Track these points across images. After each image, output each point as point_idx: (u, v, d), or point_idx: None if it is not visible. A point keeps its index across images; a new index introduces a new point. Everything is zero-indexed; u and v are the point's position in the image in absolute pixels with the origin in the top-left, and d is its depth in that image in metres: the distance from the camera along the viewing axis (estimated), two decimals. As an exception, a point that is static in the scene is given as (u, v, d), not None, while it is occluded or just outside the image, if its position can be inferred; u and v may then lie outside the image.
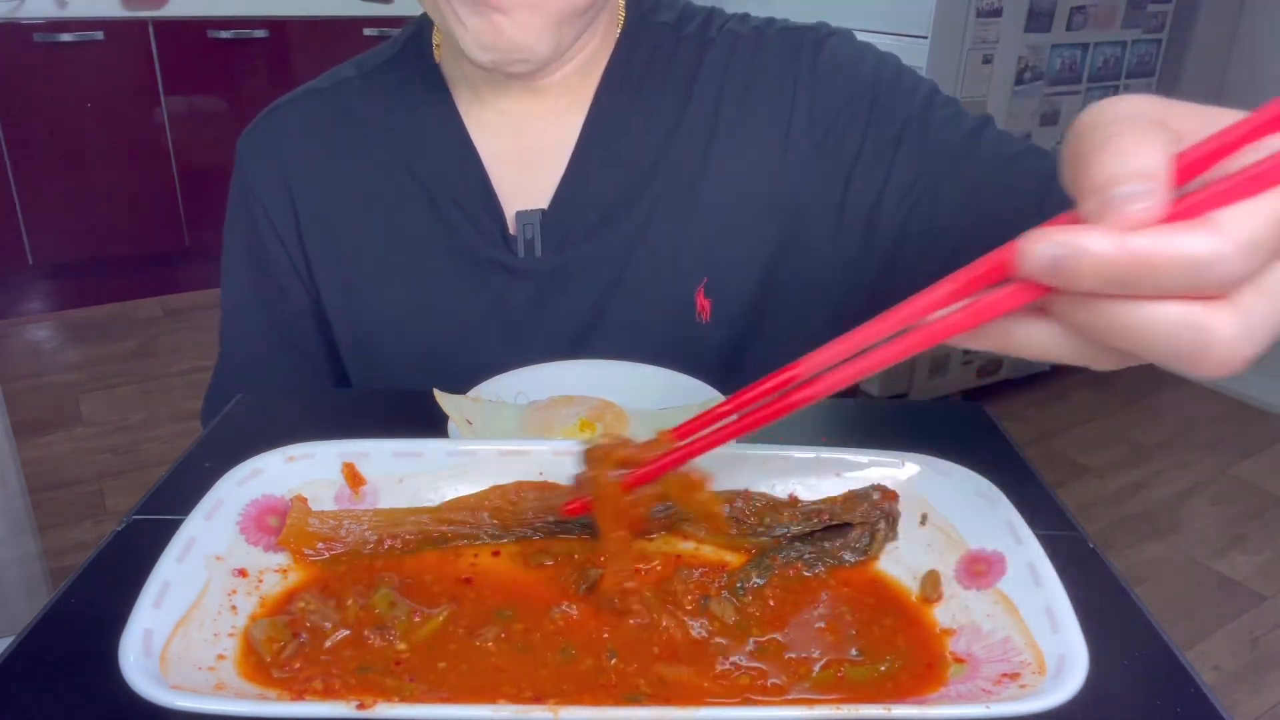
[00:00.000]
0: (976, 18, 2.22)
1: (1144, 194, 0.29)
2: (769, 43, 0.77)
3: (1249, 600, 2.04)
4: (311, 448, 0.51)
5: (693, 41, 0.77)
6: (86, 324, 3.19)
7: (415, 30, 0.80)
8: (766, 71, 0.76)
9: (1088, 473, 2.47)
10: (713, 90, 0.76)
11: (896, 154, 0.73)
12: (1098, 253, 0.29)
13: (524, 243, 0.75)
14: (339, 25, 3.31)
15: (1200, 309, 0.29)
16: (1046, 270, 0.30)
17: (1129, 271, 0.28)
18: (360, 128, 0.78)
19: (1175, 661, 0.44)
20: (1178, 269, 0.28)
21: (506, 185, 0.76)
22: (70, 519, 2.19)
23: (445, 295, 0.77)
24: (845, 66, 0.75)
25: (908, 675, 0.41)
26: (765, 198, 0.75)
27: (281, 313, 0.81)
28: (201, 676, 0.38)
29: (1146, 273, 0.28)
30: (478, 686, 0.40)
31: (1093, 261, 0.29)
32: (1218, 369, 0.30)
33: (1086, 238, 0.29)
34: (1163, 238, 0.28)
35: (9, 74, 2.88)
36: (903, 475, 0.51)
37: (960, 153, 0.72)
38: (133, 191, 3.16)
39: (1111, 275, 0.29)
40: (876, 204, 0.74)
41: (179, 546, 0.43)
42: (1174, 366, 0.30)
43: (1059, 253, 0.29)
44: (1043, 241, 0.30)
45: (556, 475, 0.51)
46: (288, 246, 0.79)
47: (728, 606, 0.44)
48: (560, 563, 0.48)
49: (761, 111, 0.75)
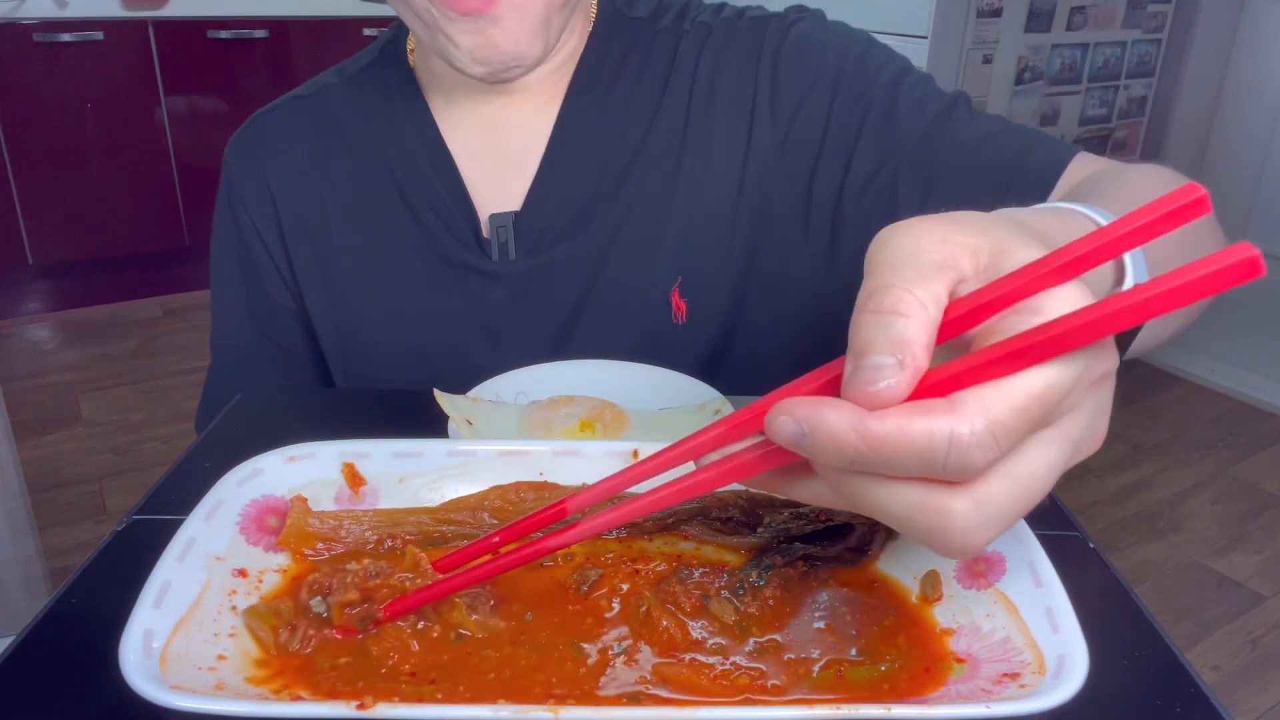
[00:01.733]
0: (976, 18, 2.23)
1: (891, 368, 0.28)
2: (738, 33, 0.75)
3: (1249, 600, 2.04)
4: (311, 448, 0.51)
5: (669, 35, 0.76)
6: (86, 324, 3.19)
7: (393, 34, 0.80)
8: (732, 63, 0.74)
9: (1088, 473, 2.47)
10: (684, 86, 0.74)
11: (856, 144, 0.70)
12: (835, 433, 0.28)
13: (498, 245, 0.75)
14: (339, 25, 3.31)
15: (939, 493, 0.28)
16: (790, 443, 0.30)
17: (866, 455, 0.28)
18: (341, 133, 0.78)
19: (1175, 661, 0.44)
20: (914, 455, 0.27)
21: (481, 188, 0.76)
22: (70, 519, 2.19)
23: (424, 298, 0.77)
24: (811, 50, 0.72)
25: (908, 675, 0.41)
26: (735, 194, 0.74)
27: (268, 317, 0.82)
28: (201, 676, 0.38)
29: (884, 457, 0.28)
30: (479, 686, 0.40)
31: (830, 442, 0.28)
32: (959, 551, 0.29)
33: (827, 417, 0.28)
34: (901, 421, 0.27)
35: (9, 74, 2.88)
36: (903, 475, 0.51)
37: (921, 141, 0.68)
38: (133, 191, 3.16)
39: (851, 456, 0.28)
40: (839, 197, 0.71)
41: (179, 546, 0.43)
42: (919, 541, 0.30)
43: (799, 430, 0.29)
44: (785, 414, 0.29)
45: (556, 475, 0.51)
46: (271, 251, 0.79)
47: (728, 606, 0.44)
48: (560, 562, 0.48)
49: (727, 106, 0.74)
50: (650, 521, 0.50)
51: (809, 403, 0.29)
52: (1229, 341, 2.94)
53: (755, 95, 0.73)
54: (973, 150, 0.67)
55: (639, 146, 0.74)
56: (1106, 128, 2.61)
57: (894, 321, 0.29)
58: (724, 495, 0.50)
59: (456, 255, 0.75)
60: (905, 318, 0.29)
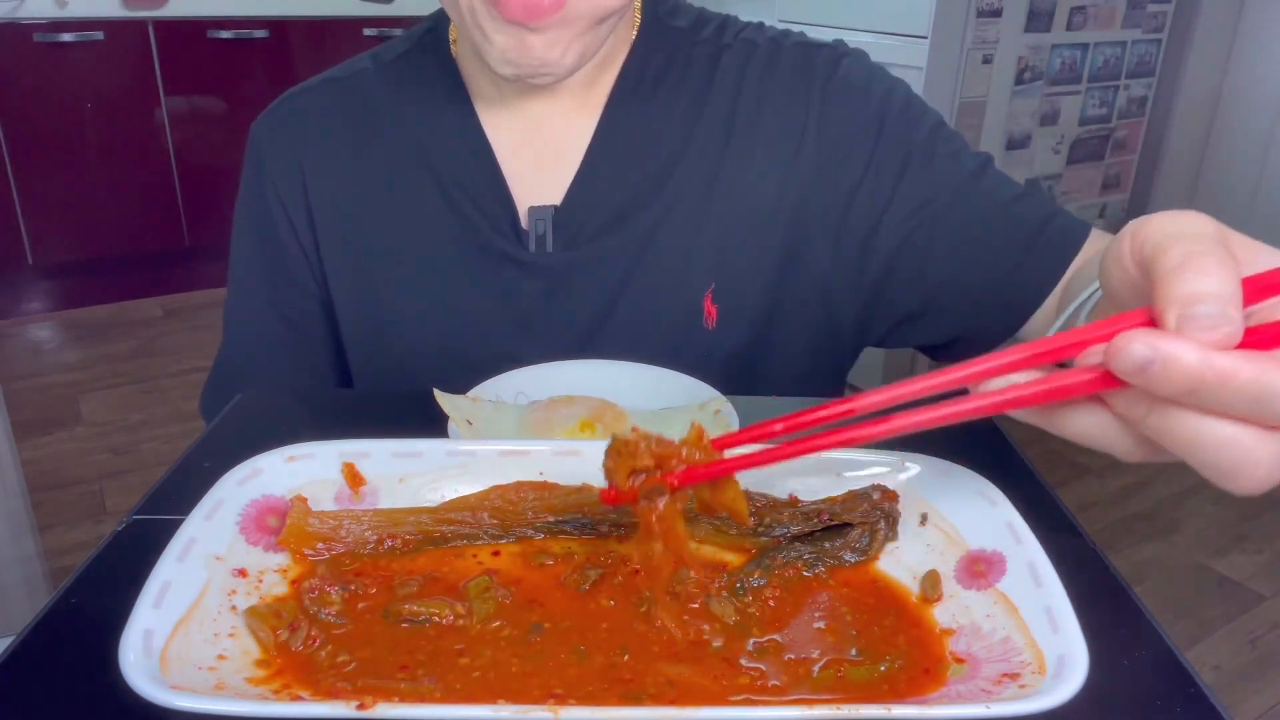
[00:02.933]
0: (976, 18, 2.22)
1: (1225, 318, 0.31)
2: (785, 55, 0.77)
3: (1249, 600, 2.04)
4: (311, 448, 0.51)
5: (709, 46, 0.78)
6: (86, 324, 3.19)
7: (431, 23, 0.80)
8: (780, 85, 0.76)
9: (1088, 473, 2.47)
10: (727, 98, 0.76)
11: (899, 182, 0.74)
12: (1187, 364, 0.31)
13: (535, 238, 0.75)
14: (339, 25, 3.32)
15: (1251, 434, 0.32)
16: (1135, 369, 0.32)
17: (1208, 387, 0.31)
18: (376, 118, 0.79)
19: (1175, 661, 0.44)
20: (1250, 394, 0.31)
21: (519, 181, 0.76)
22: (70, 519, 2.19)
23: (456, 286, 0.77)
24: (856, 89, 0.76)
25: (908, 675, 0.41)
26: (773, 209, 0.76)
27: (288, 298, 0.82)
28: (201, 676, 0.38)
29: (1224, 392, 0.31)
30: (479, 686, 0.40)
31: (1180, 371, 0.31)
32: (1246, 489, 0.33)
33: (1178, 347, 0.31)
34: (1245, 363, 0.31)
35: (9, 74, 2.89)
36: (903, 475, 0.51)
37: (960, 190, 0.74)
38: (133, 191, 3.16)
39: (1191, 387, 0.31)
40: (874, 229, 0.75)
41: (179, 546, 0.43)
42: (1208, 475, 0.33)
43: (1151, 356, 0.31)
44: (1137, 342, 0.31)
45: (556, 475, 0.51)
46: (298, 231, 0.79)
47: (728, 606, 0.44)
48: (560, 563, 0.48)
49: (774, 124, 0.76)
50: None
51: (1162, 334, 0.31)
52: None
53: (806, 119, 0.75)
54: (1007, 205, 0.74)
55: (680, 152, 0.76)
56: (1106, 128, 2.61)
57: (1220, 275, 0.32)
58: (724, 495, 0.50)
59: (493, 245, 0.76)
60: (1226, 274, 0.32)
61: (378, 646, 0.42)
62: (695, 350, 0.75)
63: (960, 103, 2.29)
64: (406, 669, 0.41)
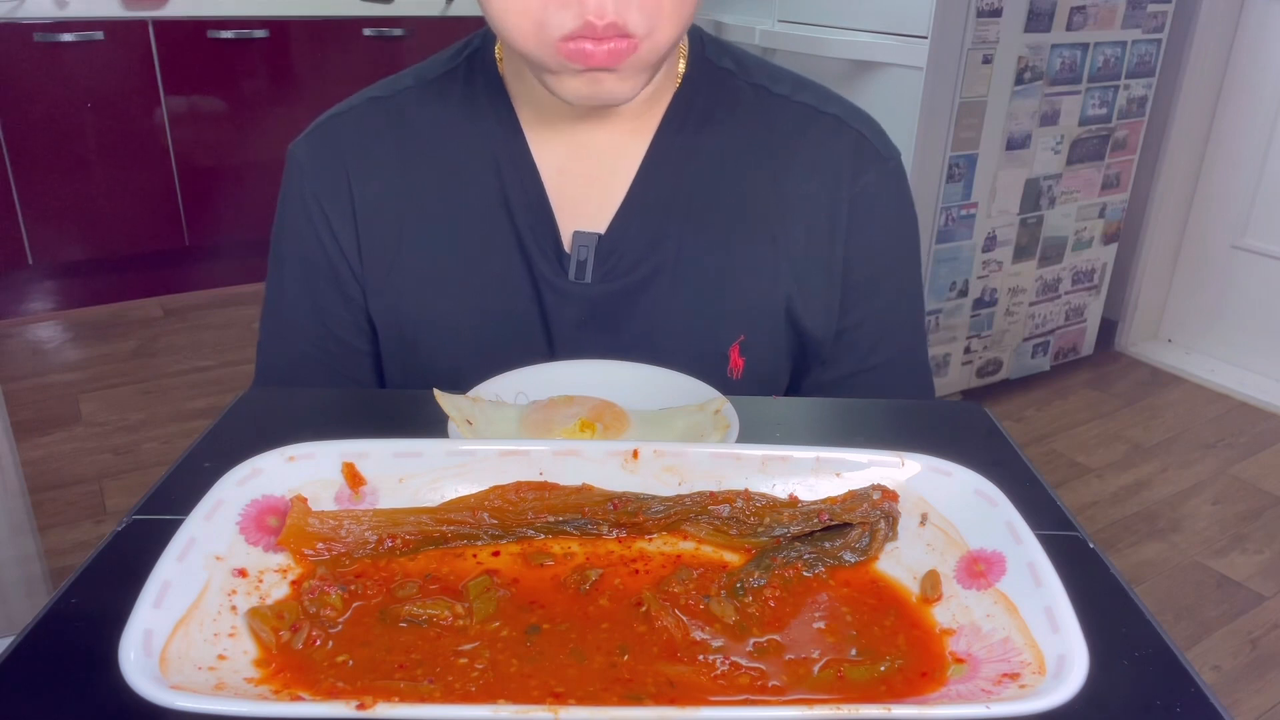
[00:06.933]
0: (976, 18, 2.22)
1: None
2: (840, 137, 0.79)
3: (1249, 600, 2.03)
4: (311, 448, 0.51)
5: (755, 93, 0.79)
6: (86, 324, 3.19)
7: (479, 43, 0.80)
8: (832, 162, 0.78)
9: (1088, 473, 2.47)
10: (779, 156, 0.77)
11: (853, 305, 0.81)
12: None
13: (576, 264, 0.76)
14: (339, 25, 3.31)
15: None
16: None
17: None
18: (420, 135, 0.78)
19: (1175, 661, 0.44)
20: None
21: (563, 204, 0.77)
22: (70, 519, 2.19)
23: (495, 304, 0.77)
24: (890, 205, 0.80)
25: (907, 675, 0.41)
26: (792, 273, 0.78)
27: (328, 308, 0.81)
28: (201, 676, 0.38)
29: None
30: (479, 685, 0.40)
31: None
32: None
33: None
34: None
35: (9, 74, 2.88)
36: (903, 475, 0.51)
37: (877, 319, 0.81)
38: (133, 191, 3.16)
39: None
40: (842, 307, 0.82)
41: (179, 546, 0.43)
42: None
43: None
44: None
45: (556, 475, 0.51)
46: (341, 242, 0.79)
47: (728, 606, 0.44)
48: (560, 562, 0.48)
49: (818, 197, 0.78)
50: (651, 521, 0.50)
51: None
52: (1229, 341, 2.94)
53: (845, 207, 0.78)
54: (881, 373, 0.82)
55: (723, 194, 0.77)
56: (1106, 128, 2.61)
57: None
58: (725, 495, 0.50)
59: (536, 266, 0.76)
60: None
61: (377, 647, 0.42)
62: None
63: (960, 103, 2.29)
64: (406, 669, 0.41)
